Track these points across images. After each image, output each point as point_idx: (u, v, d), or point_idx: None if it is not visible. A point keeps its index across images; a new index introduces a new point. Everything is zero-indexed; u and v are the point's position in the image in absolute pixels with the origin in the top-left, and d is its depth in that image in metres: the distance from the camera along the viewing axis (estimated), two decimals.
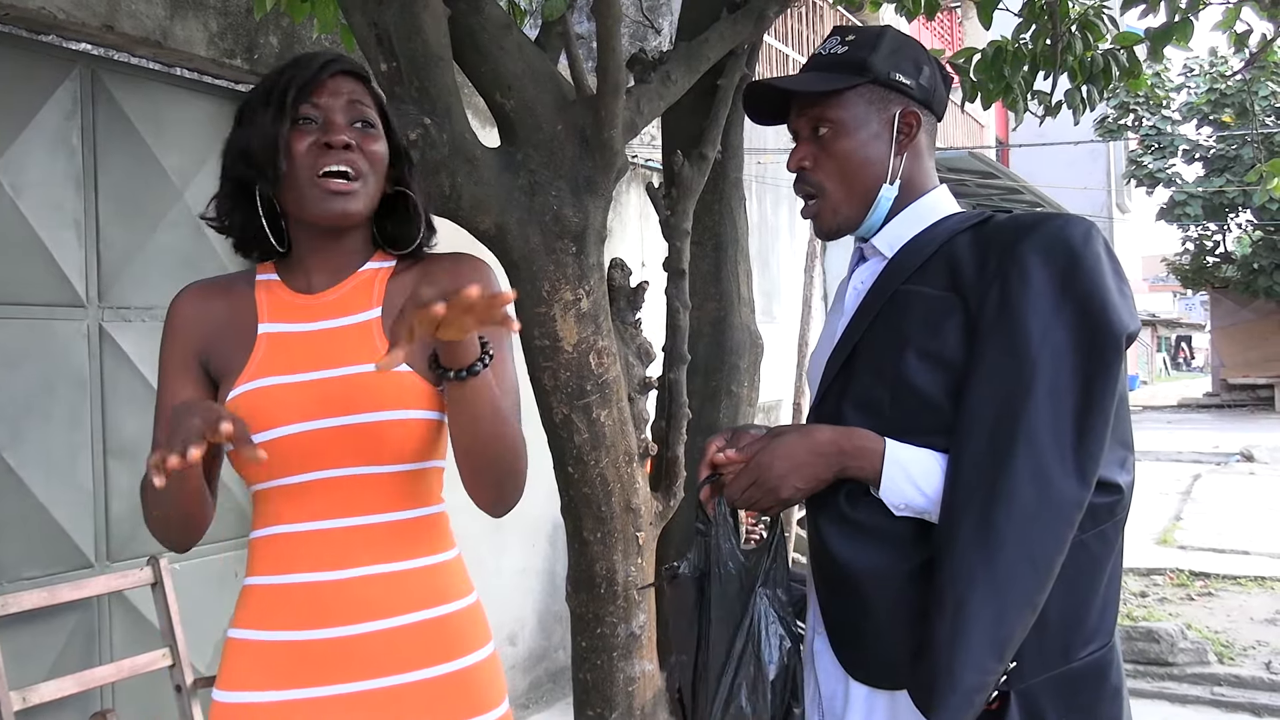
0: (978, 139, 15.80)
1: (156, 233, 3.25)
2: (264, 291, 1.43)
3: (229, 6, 3.34)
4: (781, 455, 1.42)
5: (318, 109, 1.38)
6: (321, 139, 1.37)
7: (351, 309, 1.40)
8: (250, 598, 1.38)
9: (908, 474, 1.37)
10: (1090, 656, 1.39)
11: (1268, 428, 16.55)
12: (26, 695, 2.68)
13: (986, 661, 1.28)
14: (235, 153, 1.41)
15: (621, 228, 5.48)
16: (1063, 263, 1.34)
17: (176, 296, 1.45)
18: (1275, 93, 17.42)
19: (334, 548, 1.34)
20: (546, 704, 4.76)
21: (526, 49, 2.09)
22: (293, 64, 1.42)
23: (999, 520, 1.28)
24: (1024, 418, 1.30)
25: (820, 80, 1.50)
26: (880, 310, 1.45)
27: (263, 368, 1.36)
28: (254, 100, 1.41)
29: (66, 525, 3.03)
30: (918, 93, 1.51)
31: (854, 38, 1.52)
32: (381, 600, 1.34)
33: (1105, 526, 1.37)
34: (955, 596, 1.29)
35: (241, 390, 1.35)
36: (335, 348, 1.37)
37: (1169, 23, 3.12)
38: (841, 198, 1.51)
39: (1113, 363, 1.32)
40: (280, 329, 1.39)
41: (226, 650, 1.39)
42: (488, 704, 1.40)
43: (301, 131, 1.38)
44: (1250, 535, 7.90)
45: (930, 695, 1.29)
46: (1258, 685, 4.76)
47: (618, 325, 2.39)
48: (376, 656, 1.32)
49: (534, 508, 4.69)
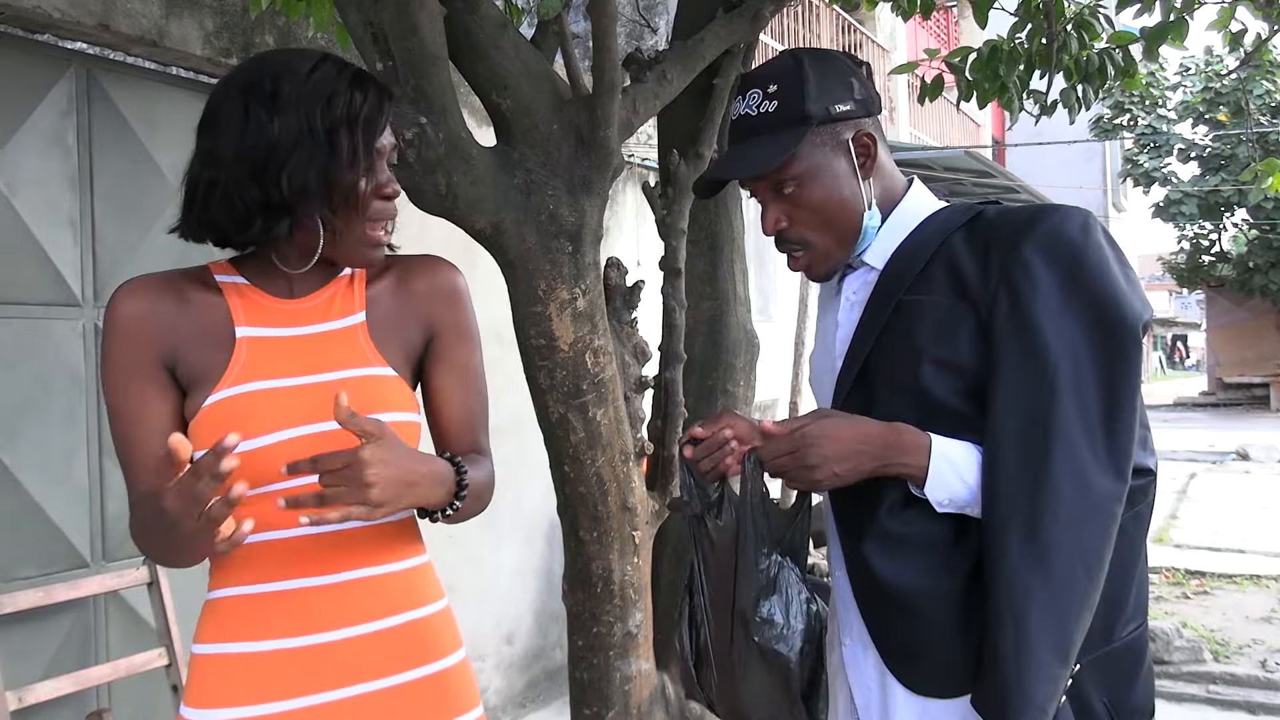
0: (974, 138, 15.81)
1: (152, 232, 3.25)
2: (235, 295, 1.36)
3: (224, 5, 3.33)
4: (831, 436, 1.38)
5: (380, 153, 1.33)
6: (385, 188, 1.33)
7: (336, 314, 1.38)
8: (227, 608, 1.32)
9: (955, 468, 1.36)
10: (1130, 635, 1.40)
11: (1263, 426, 16.58)
12: (22, 695, 2.68)
13: (1054, 669, 1.28)
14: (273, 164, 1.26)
15: (618, 227, 5.48)
16: (1067, 261, 1.34)
17: (121, 295, 1.32)
18: (1270, 92, 17.45)
19: (322, 552, 1.31)
20: (543, 703, 4.76)
21: (522, 48, 2.09)
22: (354, 85, 1.30)
23: (1046, 527, 1.28)
24: (1053, 422, 1.30)
25: (768, 151, 1.46)
26: (887, 322, 1.44)
27: (247, 372, 1.31)
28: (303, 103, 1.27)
29: (62, 525, 3.03)
30: (859, 110, 1.48)
31: (776, 88, 1.47)
32: (365, 604, 1.33)
33: (1140, 507, 1.39)
34: (1014, 610, 1.28)
35: (224, 395, 1.29)
36: (323, 352, 1.35)
37: (1164, 22, 3.12)
38: (829, 244, 1.50)
39: (1131, 354, 1.32)
40: (262, 333, 1.34)
41: (203, 665, 1.32)
42: (464, 707, 1.40)
43: (372, 174, 1.32)
44: (1245, 534, 7.92)
45: (1004, 711, 1.29)
46: (1253, 683, 4.77)
47: (614, 324, 2.39)
48: (359, 661, 1.31)
49: (531, 506, 4.71)
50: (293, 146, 1.26)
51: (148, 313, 1.31)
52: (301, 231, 1.31)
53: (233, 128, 1.28)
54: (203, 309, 1.34)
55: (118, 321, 1.31)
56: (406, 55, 1.92)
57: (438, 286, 1.45)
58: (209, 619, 1.33)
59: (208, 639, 1.32)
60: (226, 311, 1.34)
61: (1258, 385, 21.30)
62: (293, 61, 1.31)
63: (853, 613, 1.49)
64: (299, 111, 1.27)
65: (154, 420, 1.30)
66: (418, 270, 1.46)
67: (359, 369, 1.35)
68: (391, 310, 1.42)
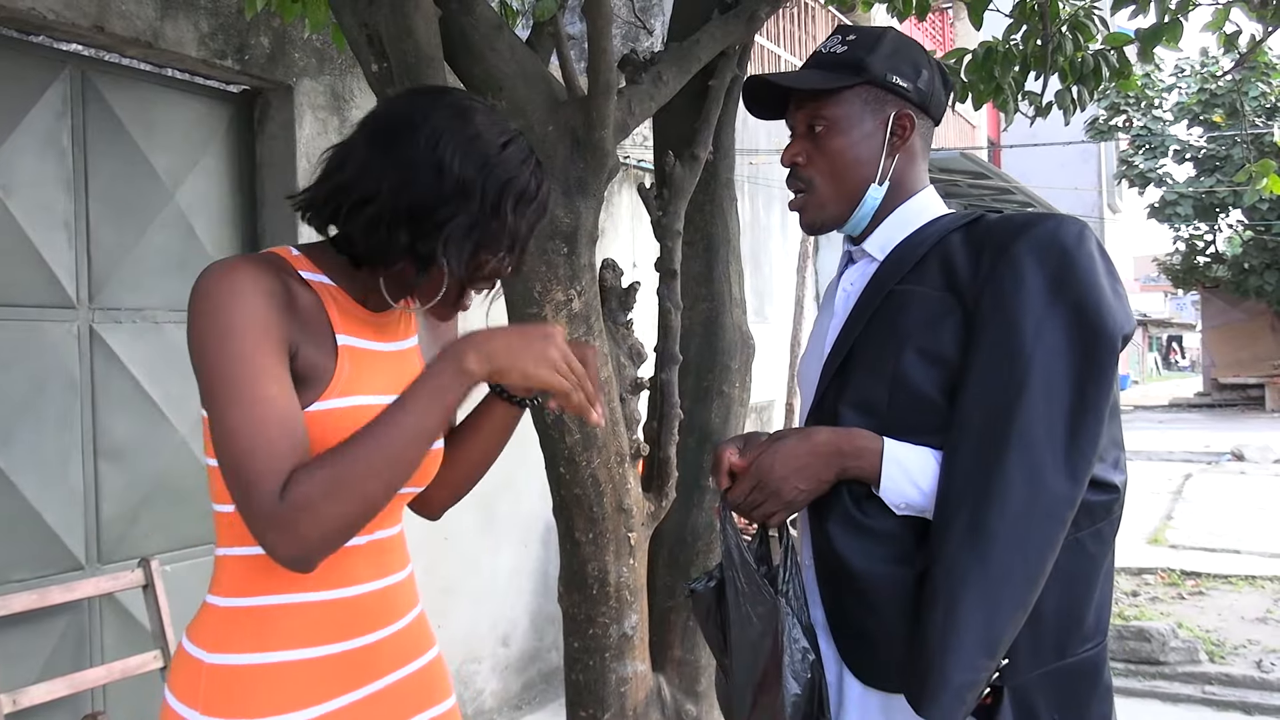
0: (969, 140, 15.83)
1: (147, 234, 3.24)
2: (327, 296, 1.28)
3: (220, 7, 3.33)
4: (782, 458, 1.42)
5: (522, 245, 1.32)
6: (504, 271, 1.30)
7: (405, 333, 1.41)
8: (270, 617, 1.25)
9: (907, 473, 1.37)
10: (1084, 654, 1.39)
11: (1258, 427, 16.61)
12: (17, 698, 2.68)
13: (978, 659, 1.28)
14: (437, 218, 1.21)
15: (613, 228, 5.48)
16: (1056, 263, 1.35)
17: (237, 270, 1.17)
18: (1265, 93, 17.49)
19: (373, 559, 1.35)
20: (539, 705, 4.76)
21: (518, 50, 2.09)
22: (538, 173, 1.27)
23: (992, 518, 1.29)
24: (1017, 417, 1.30)
25: (818, 78, 1.51)
26: (876, 310, 1.46)
27: (351, 383, 1.26)
28: (491, 173, 1.22)
29: (57, 527, 3.02)
30: (914, 95, 1.52)
31: (854, 37, 1.53)
32: (395, 605, 1.38)
33: (1101, 525, 1.38)
34: (948, 594, 1.29)
35: (331, 405, 1.23)
36: (403, 370, 1.34)
37: (1159, 23, 3.12)
38: (829, 194, 1.53)
39: (1107, 363, 1.33)
40: (358, 344, 1.29)
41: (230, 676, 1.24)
42: (444, 694, 1.45)
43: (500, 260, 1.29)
44: (1241, 534, 7.93)
45: (922, 693, 1.30)
46: (1248, 684, 4.77)
47: (609, 326, 2.39)
48: (385, 658, 1.35)
49: (527, 508, 4.71)
50: (461, 210, 1.21)
51: (275, 288, 1.19)
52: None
53: (412, 158, 1.21)
54: (307, 305, 1.25)
55: (242, 294, 1.15)
56: (401, 57, 1.92)
57: (453, 324, 1.51)
58: (241, 627, 1.26)
59: (238, 649, 1.25)
60: (325, 313, 1.27)
61: (1253, 386, 21.35)
62: (494, 123, 1.27)
63: (817, 603, 1.50)
64: (482, 179, 1.22)
65: (296, 408, 1.17)
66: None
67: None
68: (426, 337, 1.47)
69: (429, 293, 1.28)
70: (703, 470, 2.67)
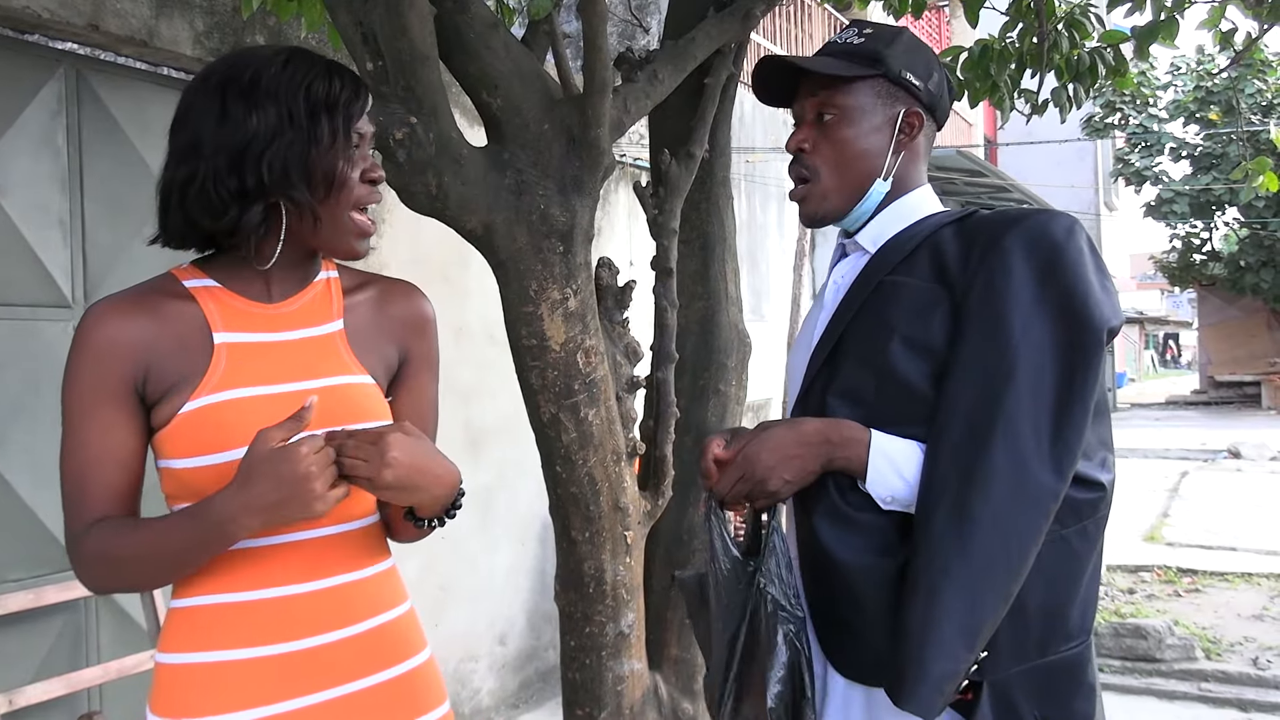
0: (966, 137, 15.84)
1: (142, 233, 3.23)
2: (209, 299, 1.32)
3: (215, 5, 3.33)
4: (769, 448, 1.42)
5: (361, 137, 1.33)
6: (369, 172, 1.33)
7: (315, 320, 1.37)
8: (202, 616, 1.28)
9: (893, 464, 1.37)
10: (1067, 652, 1.39)
11: (1254, 425, 16.63)
12: (13, 698, 2.67)
13: (957, 650, 1.28)
14: (252, 153, 1.25)
15: (609, 227, 5.48)
16: (1045, 256, 1.35)
17: (89, 320, 1.27)
18: (1261, 90, 17.50)
19: (300, 561, 1.30)
20: (536, 703, 4.76)
21: (513, 48, 2.09)
22: (330, 73, 1.31)
23: (974, 509, 1.29)
24: (1003, 408, 1.30)
25: (833, 65, 1.52)
26: (865, 301, 1.46)
27: (229, 378, 1.28)
28: (281, 92, 1.27)
29: (52, 527, 3.01)
30: (924, 95, 1.53)
31: (872, 31, 1.54)
32: (339, 611, 1.32)
33: (1087, 523, 1.38)
34: (928, 584, 1.29)
35: (205, 402, 1.26)
36: (305, 359, 1.33)
37: (1155, 21, 3.12)
38: (833, 185, 1.53)
39: (1093, 356, 1.33)
40: (242, 339, 1.31)
41: (175, 674, 1.30)
42: (430, 705, 1.40)
43: (353, 159, 1.31)
44: (1237, 532, 7.94)
45: (901, 683, 1.30)
46: (1244, 681, 4.78)
47: (605, 324, 2.39)
48: (333, 667, 1.30)
49: (523, 507, 4.71)
50: (272, 134, 1.26)
51: (116, 334, 1.26)
52: (277, 220, 1.30)
53: (210, 120, 1.27)
54: (176, 318, 1.30)
55: (86, 346, 1.26)
56: (397, 55, 1.92)
57: (413, 314, 1.47)
58: (181, 626, 1.30)
59: (180, 648, 1.29)
60: (202, 317, 1.30)
61: (1249, 383, 21.37)
62: (265, 55, 1.31)
63: (802, 595, 1.50)
64: (277, 100, 1.27)
65: (117, 450, 1.27)
66: (397, 294, 1.47)
67: (341, 377, 1.34)
68: (369, 324, 1.42)
69: (315, 231, 1.31)
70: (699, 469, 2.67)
